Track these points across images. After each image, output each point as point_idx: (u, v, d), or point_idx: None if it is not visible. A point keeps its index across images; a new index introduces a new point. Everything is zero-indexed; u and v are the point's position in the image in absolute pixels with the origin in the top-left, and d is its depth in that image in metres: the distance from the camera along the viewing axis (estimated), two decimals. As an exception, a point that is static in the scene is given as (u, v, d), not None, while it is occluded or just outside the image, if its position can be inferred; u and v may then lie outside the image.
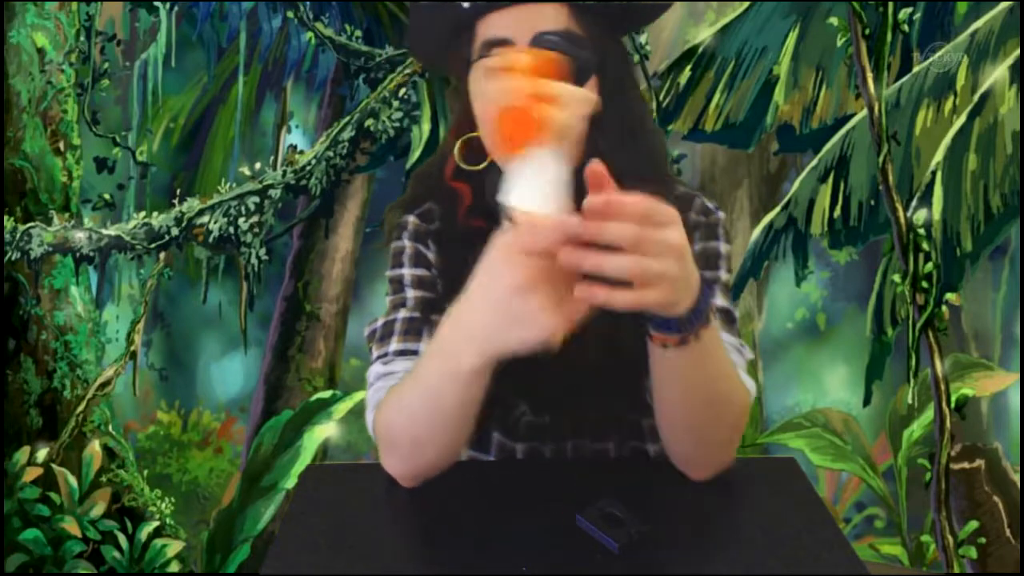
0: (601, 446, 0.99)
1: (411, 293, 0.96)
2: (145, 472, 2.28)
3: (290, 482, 2.23)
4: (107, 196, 2.27)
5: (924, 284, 1.99)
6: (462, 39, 0.91)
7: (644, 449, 0.99)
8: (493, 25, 0.88)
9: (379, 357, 0.93)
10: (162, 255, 2.25)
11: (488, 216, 0.95)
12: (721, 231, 0.96)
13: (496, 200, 0.64)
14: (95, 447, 2.25)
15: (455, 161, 0.94)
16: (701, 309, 0.69)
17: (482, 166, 0.92)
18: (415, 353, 0.92)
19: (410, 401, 0.80)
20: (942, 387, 2.00)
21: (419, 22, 0.96)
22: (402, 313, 0.95)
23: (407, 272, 0.97)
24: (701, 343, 0.71)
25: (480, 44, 0.89)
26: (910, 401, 2.06)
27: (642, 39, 2.10)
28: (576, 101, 0.64)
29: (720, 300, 0.92)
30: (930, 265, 1.99)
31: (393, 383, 0.89)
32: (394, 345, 0.92)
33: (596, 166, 0.61)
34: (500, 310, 0.64)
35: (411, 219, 1.00)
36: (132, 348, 2.28)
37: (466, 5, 0.88)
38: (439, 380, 0.75)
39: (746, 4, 2.08)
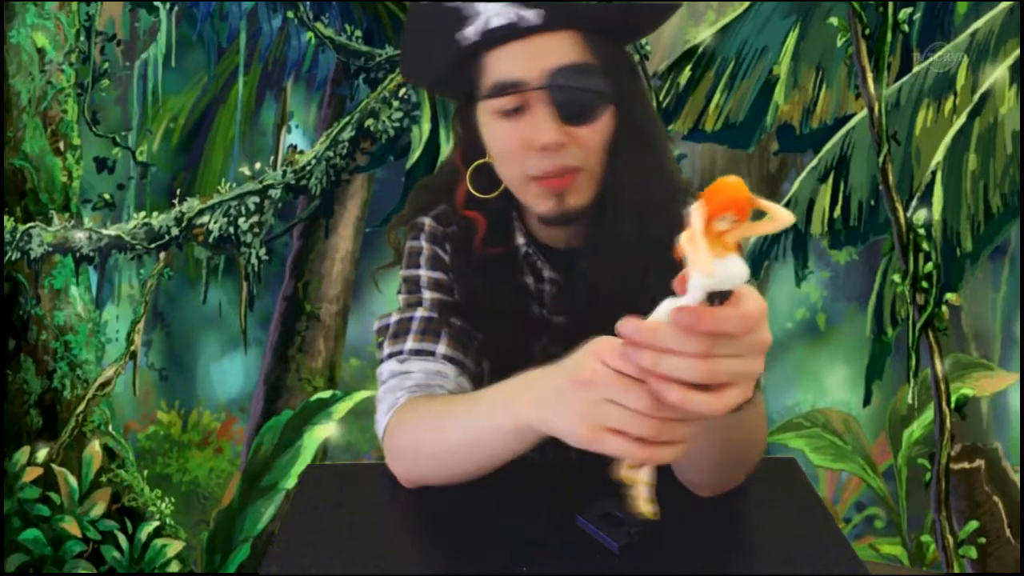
0: (606, 457, 0.99)
1: (428, 294, 0.94)
2: (145, 472, 2.28)
3: (290, 482, 2.23)
4: (107, 196, 2.27)
5: (924, 284, 1.99)
6: (467, 69, 0.86)
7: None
8: (503, 63, 0.83)
9: (393, 354, 0.91)
10: (162, 255, 2.25)
11: (505, 242, 0.94)
12: None
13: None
14: (95, 447, 2.25)
15: (467, 188, 0.91)
16: (759, 380, 0.64)
17: (495, 194, 0.91)
18: (431, 354, 0.89)
19: (449, 436, 0.77)
20: (942, 387, 2.00)
21: (418, 49, 0.90)
22: (419, 312, 0.92)
23: (424, 273, 0.95)
24: (749, 406, 0.66)
25: (491, 84, 0.84)
26: (910, 401, 2.06)
27: (642, 39, 2.09)
28: None
29: None
30: (930, 265, 1.99)
31: (408, 383, 0.87)
32: (410, 344, 0.90)
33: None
34: (554, 391, 0.62)
35: (427, 221, 0.98)
36: (132, 348, 2.28)
37: (474, 39, 0.82)
38: (490, 434, 0.72)
39: (746, 4, 2.07)
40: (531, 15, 0.80)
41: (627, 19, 0.86)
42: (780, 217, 0.51)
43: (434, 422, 0.80)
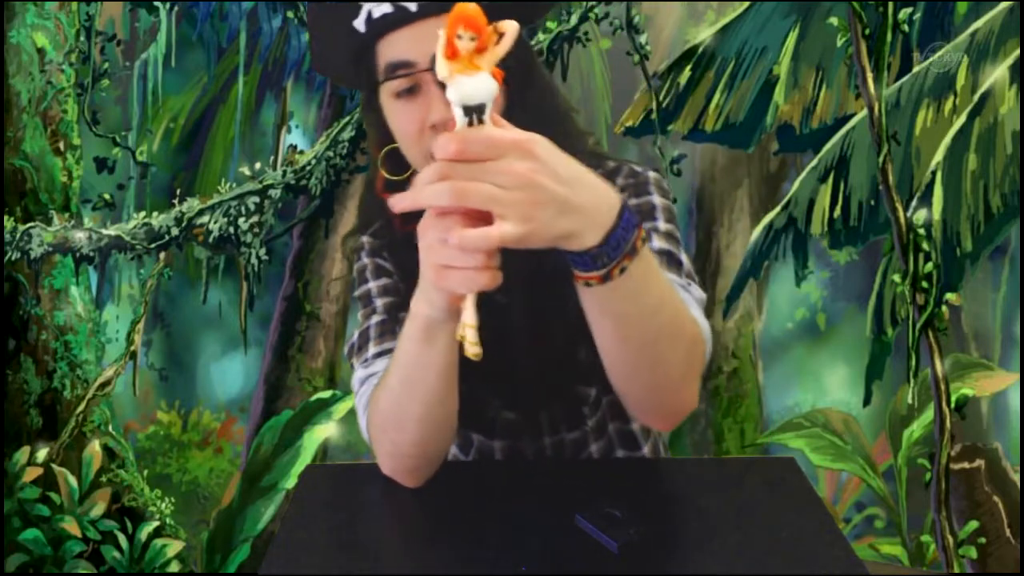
0: (577, 434, 1.00)
1: (379, 302, 0.99)
2: (145, 472, 2.28)
3: (290, 482, 2.23)
4: (107, 196, 2.27)
5: (924, 284, 1.99)
6: (365, 59, 0.90)
7: (628, 430, 1.01)
8: (393, 46, 0.86)
9: (360, 364, 0.97)
10: (162, 255, 2.25)
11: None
12: (653, 188, 0.96)
13: None
14: (95, 447, 2.25)
15: (382, 173, 0.95)
16: (618, 240, 0.63)
17: (406, 176, 0.93)
18: (392, 351, 0.93)
19: (390, 381, 0.82)
20: (942, 387, 2.00)
21: (320, 46, 0.95)
22: (374, 319, 0.98)
23: (372, 285, 1.01)
24: (630, 277, 0.66)
25: (384, 66, 0.87)
26: (910, 401, 2.06)
27: (642, 39, 2.10)
28: None
29: (660, 243, 0.91)
30: (930, 265, 1.99)
31: (376, 381, 0.91)
32: (372, 349, 0.96)
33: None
34: (423, 268, 0.66)
35: (365, 239, 1.04)
36: (132, 348, 2.28)
37: (362, 29, 0.86)
38: (408, 346, 0.77)
39: (746, 4, 2.07)
40: (409, 4, 0.84)
41: (503, 12, 0.89)
42: (507, 30, 0.59)
43: (383, 383, 0.85)
